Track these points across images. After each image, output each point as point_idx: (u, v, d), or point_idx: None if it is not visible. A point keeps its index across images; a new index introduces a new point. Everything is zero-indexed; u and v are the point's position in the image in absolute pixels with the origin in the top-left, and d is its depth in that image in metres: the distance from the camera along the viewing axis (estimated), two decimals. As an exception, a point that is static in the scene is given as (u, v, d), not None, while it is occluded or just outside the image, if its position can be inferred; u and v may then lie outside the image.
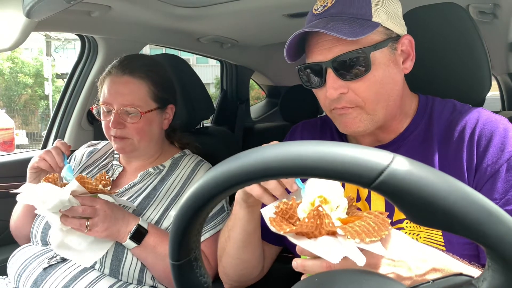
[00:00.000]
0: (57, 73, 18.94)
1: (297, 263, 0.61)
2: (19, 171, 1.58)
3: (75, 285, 1.03)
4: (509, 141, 0.77)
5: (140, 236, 1.07)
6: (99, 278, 1.06)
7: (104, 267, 1.08)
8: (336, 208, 0.60)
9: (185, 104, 1.55)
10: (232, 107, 2.78)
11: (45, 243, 1.17)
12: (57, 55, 20.22)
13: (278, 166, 0.40)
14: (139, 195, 1.20)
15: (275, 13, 1.77)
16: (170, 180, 1.23)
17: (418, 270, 0.59)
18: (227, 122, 2.65)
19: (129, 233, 1.06)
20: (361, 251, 0.54)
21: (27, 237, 1.24)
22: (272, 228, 0.60)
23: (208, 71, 16.58)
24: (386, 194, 0.38)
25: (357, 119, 0.82)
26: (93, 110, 1.24)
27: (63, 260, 1.09)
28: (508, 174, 0.75)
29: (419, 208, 0.37)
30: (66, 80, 1.90)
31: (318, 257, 0.56)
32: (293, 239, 0.58)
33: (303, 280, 0.53)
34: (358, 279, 0.47)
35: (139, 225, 1.07)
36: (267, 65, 2.93)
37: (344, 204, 0.62)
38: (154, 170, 1.26)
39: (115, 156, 1.35)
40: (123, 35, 1.77)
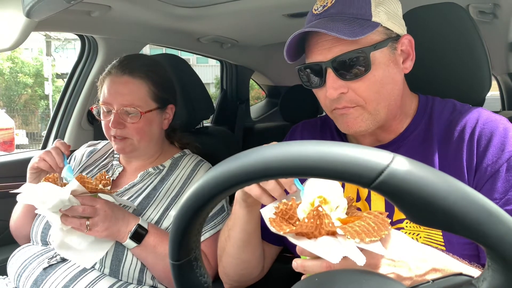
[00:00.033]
0: (57, 73, 18.94)
1: (297, 264, 0.61)
2: (19, 171, 1.58)
3: (75, 285, 1.03)
4: (509, 141, 0.77)
5: (140, 236, 1.07)
6: (99, 278, 1.06)
7: (104, 267, 1.08)
8: (335, 208, 0.60)
9: (185, 104, 1.55)
10: (232, 107, 2.78)
11: (45, 243, 1.17)
12: (57, 55, 20.23)
13: (278, 166, 0.40)
14: (139, 195, 1.20)
15: (275, 13, 1.77)
16: (170, 180, 1.23)
17: (418, 270, 0.59)
18: (227, 122, 2.64)
19: (129, 233, 1.06)
20: (361, 251, 0.54)
21: (27, 237, 1.24)
22: (272, 229, 0.60)
23: (208, 71, 16.58)
24: (386, 194, 0.38)
25: (359, 119, 0.82)
26: (93, 110, 1.24)
27: (63, 260, 1.09)
28: (508, 174, 0.75)
29: (419, 208, 0.37)
30: (66, 80, 1.90)
31: (318, 257, 0.56)
32: (293, 240, 0.58)
33: (303, 280, 0.53)
34: (358, 279, 0.47)
35: (139, 225, 1.07)
36: (267, 65, 2.93)
37: (343, 204, 0.62)
38: (154, 170, 1.26)
39: (115, 156, 1.35)
40: (123, 35, 1.77)
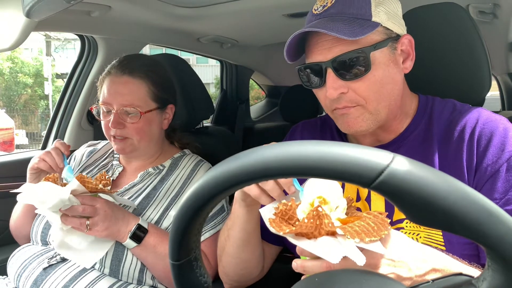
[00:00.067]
0: (57, 73, 18.94)
1: (297, 264, 0.60)
2: (19, 171, 1.58)
3: (75, 285, 1.03)
4: (509, 141, 0.77)
5: (140, 236, 1.07)
6: (99, 278, 1.06)
7: (104, 267, 1.08)
8: (335, 209, 0.60)
9: (185, 104, 1.55)
10: (232, 107, 2.78)
11: (45, 243, 1.17)
12: (57, 55, 20.23)
13: (278, 166, 0.40)
14: (139, 195, 1.20)
15: (275, 13, 1.77)
16: (170, 180, 1.23)
17: (418, 271, 0.59)
18: (227, 122, 2.64)
19: (129, 233, 1.06)
20: (361, 251, 0.54)
21: (27, 237, 1.24)
22: (272, 229, 0.60)
23: (208, 71, 16.58)
24: (386, 194, 0.38)
25: (360, 119, 0.82)
26: (93, 110, 1.24)
27: (63, 260, 1.09)
28: (508, 174, 0.75)
29: (419, 208, 0.37)
30: (66, 80, 1.90)
31: (318, 258, 0.56)
32: (292, 240, 0.58)
33: (303, 280, 0.53)
34: (358, 279, 0.47)
35: (139, 225, 1.07)
36: (267, 65, 2.93)
37: (343, 204, 0.62)
38: (154, 170, 1.26)
39: (115, 156, 1.35)
40: (123, 35, 1.77)
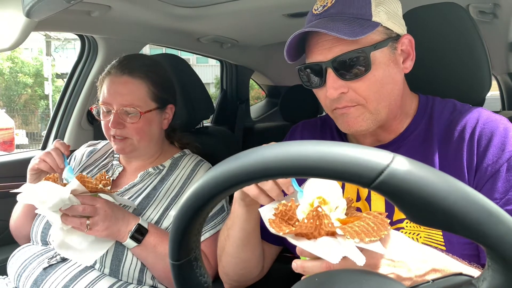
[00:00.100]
0: (57, 73, 18.94)
1: (296, 265, 0.60)
2: (19, 171, 1.58)
3: (75, 285, 1.03)
4: (509, 141, 0.77)
5: (140, 236, 1.07)
6: (99, 278, 1.06)
7: (104, 267, 1.08)
8: (335, 209, 0.60)
9: (185, 104, 1.55)
10: (232, 107, 2.78)
11: (45, 243, 1.17)
12: (57, 55, 20.24)
13: (278, 166, 0.40)
14: (139, 195, 1.19)
15: (275, 13, 1.77)
16: (170, 180, 1.23)
17: (418, 271, 0.59)
18: (227, 122, 2.64)
19: (129, 233, 1.06)
20: (360, 251, 0.54)
21: (27, 237, 1.24)
22: (272, 230, 0.60)
23: (208, 71, 16.58)
24: (386, 194, 0.38)
25: (360, 118, 0.82)
26: (93, 110, 1.24)
27: (63, 260, 1.09)
28: (508, 174, 0.75)
29: (419, 208, 0.37)
30: (66, 80, 1.90)
31: (317, 258, 0.56)
32: (292, 240, 0.58)
33: (303, 280, 0.53)
34: (358, 279, 0.47)
35: (139, 225, 1.07)
36: (267, 65, 2.93)
37: (343, 205, 0.62)
38: (154, 170, 1.26)
39: (115, 156, 1.35)
40: (123, 35, 1.77)
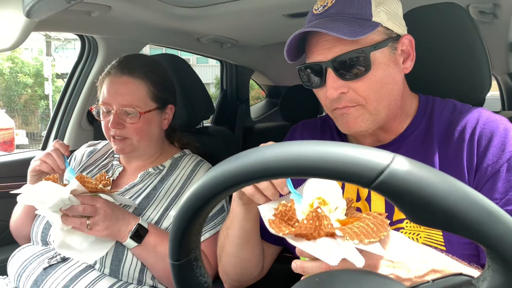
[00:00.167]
0: (57, 73, 18.95)
1: (296, 265, 0.60)
2: (19, 171, 1.58)
3: (75, 285, 1.03)
4: (509, 141, 0.77)
5: (140, 236, 1.07)
6: (99, 278, 1.06)
7: (104, 267, 1.08)
8: (335, 210, 0.60)
9: (185, 104, 1.55)
10: (232, 107, 2.78)
11: (45, 243, 1.17)
12: (57, 55, 20.24)
13: (278, 166, 0.40)
14: (139, 195, 1.19)
15: (275, 13, 1.77)
16: (170, 180, 1.23)
17: (418, 271, 0.59)
18: (227, 122, 2.64)
19: (129, 232, 1.06)
20: (360, 252, 0.54)
21: (27, 237, 1.24)
22: (271, 230, 0.59)
23: (208, 71, 16.58)
24: (386, 194, 0.38)
25: (359, 119, 0.82)
26: (93, 111, 1.24)
27: (63, 260, 1.09)
28: (508, 174, 0.75)
29: (419, 208, 0.37)
30: (66, 80, 1.90)
31: (317, 259, 0.56)
32: (292, 241, 0.58)
33: (303, 280, 0.53)
34: (358, 279, 0.47)
35: (139, 225, 1.07)
36: (267, 65, 2.93)
37: (343, 205, 0.61)
38: (154, 170, 1.26)
39: (115, 156, 1.35)
40: (123, 35, 1.77)
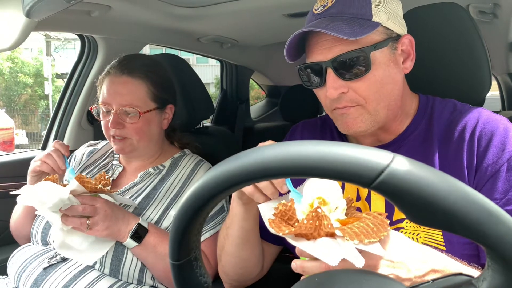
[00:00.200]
0: (57, 73, 18.95)
1: (296, 265, 0.60)
2: (19, 171, 1.58)
3: (75, 285, 1.03)
4: (509, 141, 0.77)
5: (140, 235, 1.07)
6: (99, 278, 1.06)
7: (104, 267, 1.08)
8: (335, 210, 0.60)
9: (185, 104, 1.55)
10: (232, 107, 2.78)
11: (45, 243, 1.17)
12: (57, 55, 20.25)
13: (278, 166, 0.40)
14: (139, 195, 1.19)
15: (275, 13, 1.77)
16: (170, 180, 1.23)
17: (418, 271, 0.59)
18: (227, 122, 2.64)
19: (129, 232, 1.06)
20: (360, 252, 0.54)
21: (27, 237, 1.24)
22: (271, 230, 0.59)
23: (208, 71, 16.57)
24: (386, 194, 0.38)
25: (358, 119, 0.82)
26: (93, 111, 1.24)
27: (63, 259, 1.09)
28: (508, 174, 0.75)
29: (419, 208, 0.37)
30: (66, 80, 1.90)
31: (317, 259, 0.56)
32: (292, 241, 0.58)
33: (303, 280, 0.53)
34: (358, 279, 0.47)
35: (139, 224, 1.07)
36: (267, 65, 2.93)
37: (343, 205, 0.61)
38: (154, 170, 1.26)
39: (115, 156, 1.35)
40: (123, 35, 1.77)
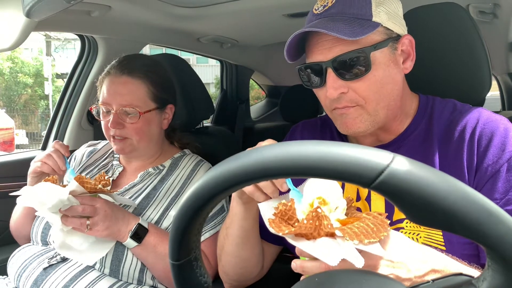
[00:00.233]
0: (57, 73, 18.95)
1: (296, 265, 0.60)
2: (19, 171, 1.58)
3: (75, 285, 1.03)
4: (509, 141, 0.77)
5: (140, 235, 1.07)
6: (99, 278, 1.06)
7: (104, 267, 1.08)
8: (335, 209, 0.60)
9: (185, 104, 1.55)
10: (232, 107, 2.78)
11: (45, 243, 1.17)
12: (57, 55, 20.25)
13: (278, 166, 0.40)
14: (139, 195, 1.19)
15: (275, 13, 1.77)
16: (170, 180, 1.23)
17: (418, 271, 0.59)
18: (227, 122, 2.64)
19: (129, 232, 1.05)
20: (360, 252, 0.54)
21: (27, 237, 1.24)
22: (271, 230, 0.59)
23: (208, 71, 16.57)
24: (386, 194, 0.38)
25: (358, 120, 0.82)
26: (93, 111, 1.24)
27: (63, 260, 1.09)
28: (508, 174, 0.75)
29: (419, 208, 0.37)
30: (66, 80, 1.90)
31: (317, 259, 0.56)
32: (292, 241, 0.58)
33: (303, 280, 0.53)
34: (358, 279, 0.47)
35: (139, 224, 1.07)
36: (267, 65, 2.93)
37: (343, 205, 0.61)
38: (154, 170, 1.26)
39: (115, 156, 1.35)
40: (123, 35, 1.77)
